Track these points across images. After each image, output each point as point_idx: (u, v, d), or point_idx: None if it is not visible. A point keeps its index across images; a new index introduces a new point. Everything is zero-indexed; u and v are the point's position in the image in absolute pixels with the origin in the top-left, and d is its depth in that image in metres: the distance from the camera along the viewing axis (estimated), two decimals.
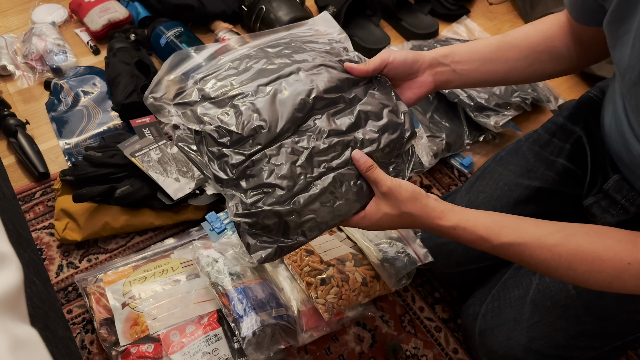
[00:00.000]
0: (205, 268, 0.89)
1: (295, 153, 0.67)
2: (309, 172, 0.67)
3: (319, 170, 0.68)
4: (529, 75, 0.85)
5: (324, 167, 0.68)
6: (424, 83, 0.79)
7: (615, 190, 0.79)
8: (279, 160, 0.66)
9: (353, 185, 0.69)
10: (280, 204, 0.66)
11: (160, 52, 1.32)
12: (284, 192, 0.66)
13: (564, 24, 0.81)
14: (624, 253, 0.62)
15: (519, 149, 0.94)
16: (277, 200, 0.65)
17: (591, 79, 1.43)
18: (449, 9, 1.55)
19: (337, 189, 0.68)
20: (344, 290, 0.90)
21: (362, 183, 0.70)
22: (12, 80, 1.28)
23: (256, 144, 0.66)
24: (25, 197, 1.08)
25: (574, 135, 0.90)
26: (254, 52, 0.73)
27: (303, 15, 1.35)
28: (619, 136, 0.74)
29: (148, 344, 0.83)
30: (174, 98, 0.70)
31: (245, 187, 0.66)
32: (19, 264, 0.37)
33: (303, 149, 0.67)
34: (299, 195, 0.66)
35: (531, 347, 0.81)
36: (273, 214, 0.65)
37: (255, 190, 0.65)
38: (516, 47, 0.82)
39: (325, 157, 0.68)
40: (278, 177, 0.65)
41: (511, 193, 0.91)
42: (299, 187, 0.66)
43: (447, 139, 1.20)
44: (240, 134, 0.65)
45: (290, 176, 0.66)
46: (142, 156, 1.03)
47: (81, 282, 0.93)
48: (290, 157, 0.66)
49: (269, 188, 0.65)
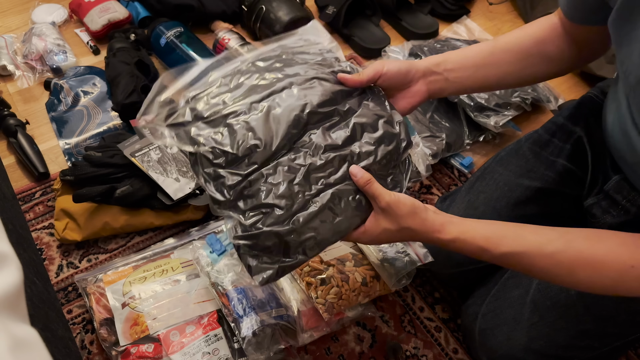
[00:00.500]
0: (205, 268, 0.89)
1: (292, 171, 0.66)
2: (307, 189, 0.66)
3: (316, 187, 0.67)
4: (522, 79, 0.85)
5: (321, 183, 0.67)
6: (418, 92, 0.80)
7: (616, 191, 0.79)
8: (276, 179, 0.65)
9: (352, 201, 0.68)
10: (280, 224, 0.64)
11: (160, 52, 1.32)
12: (282, 212, 0.64)
13: (555, 26, 0.81)
14: (626, 256, 0.62)
15: (519, 149, 0.94)
16: (277, 221, 0.64)
17: (591, 79, 1.43)
18: (449, 9, 1.56)
19: (336, 205, 0.67)
20: (344, 290, 0.90)
21: (361, 198, 0.69)
22: (12, 80, 1.28)
23: (252, 163, 0.65)
24: (25, 197, 1.08)
25: (575, 136, 0.90)
26: (245, 67, 0.72)
27: (303, 15, 1.35)
28: (622, 136, 0.74)
29: (148, 344, 0.83)
30: (166, 119, 0.68)
31: (243, 208, 0.65)
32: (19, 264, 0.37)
33: (300, 167, 0.66)
34: (298, 214, 0.65)
35: (531, 347, 0.81)
36: (273, 234, 0.64)
37: (254, 211, 0.64)
38: (508, 51, 0.82)
39: (323, 174, 0.67)
40: (276, 196, 0.64)
41: (511, 193, 0.90)
42: (297, 206, 0.65)
43: (447, 139, 1.20)
44: (235, 154, 0.64)
45: (288, 195, 0.65)
46: (142, 156, 1.03)
47: (81, 282, 0.93)
48: (288, 176, 0.65)
49: (267, 208, 0.64)
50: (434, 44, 1.38)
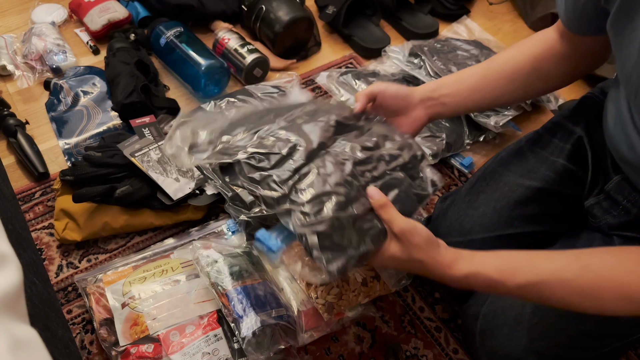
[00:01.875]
0: (205, 268, 0.89)
1: (340, 162, 0.69)
2: (357, 180, 0.69)
3: (364, 179, 0.70)
4: (519, 96, 0.86)
5: (368, 176, 0.70)
6: (418, 118, 0.82)
7: (617, 191, 0.79)
8: (328, 170, 0.67)
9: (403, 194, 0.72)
10: (343, 210, 0.65)
11: (160, 52, 1.32)
12: (342, 199, 0.66)
13: (552, 41, 0.81)
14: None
15: (520, 150, 0.94)
16: (339, 207, 0.65)
17: (592, 79, 1.43)
18: (449, 9, 1.55)
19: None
20: (344, 290, 0.90)
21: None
22: (12, 80, 1.28)
23: (299, 159, 0.67)
24: (25, 197, 1.08)
25: (575, 136, 0.89)
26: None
27: (303, 15, 1.35)
28: (623, 137, 0.73)
29: (148, 344, 0.83)
30: (190, 149, 0.71)
31: (301, 199, 0.65)
32: (18, 264, 0.37)
33: (345, 160, 0.69)
34: (356, 202, 0.67)
35: (532, 348, 0.81)
36: (337, 220, 0.65)
37: (314, 200, 0.65)
38: (502, 73, 0.83)
39: (367, 167, 0.71)
40: (332, 184, 0.66)
41: (511, 193, 0.90)
42: (353, 194, 0.67)
43: (447, 139, 1.20)
44: (279, 153, 0.67)
45: (343, 183, 0.67)
46: (142, 156, 1.03)
47: (81, 282, 0.93)
48: (338, 167, 0.68)
49: (326, 196, 0.65)
50: (434, 44, 1.38)
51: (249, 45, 1.30)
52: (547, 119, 0.97)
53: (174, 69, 1.31)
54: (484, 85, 0.83)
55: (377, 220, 0.68)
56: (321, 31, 1.49)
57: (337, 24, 1.45)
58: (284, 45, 1.37)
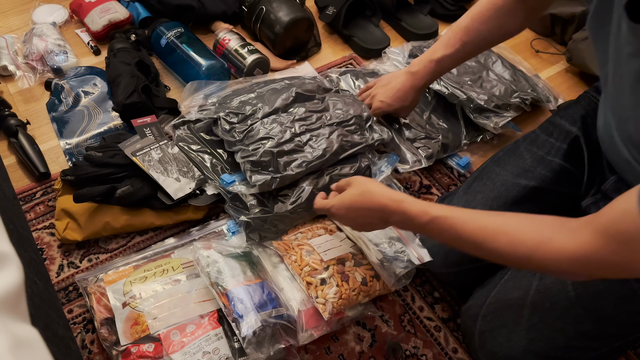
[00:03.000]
0: (205, 268, 0.90)
1: (282, 119, 1.03)
2: (292, 130, 1.01)
3: (299, 130, 1.02)
4: (495, 37, 0.99)
5: (302, 128, 1.03)
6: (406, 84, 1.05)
7: (614, 191, 0.79)
8: (271, 125, 1.02)
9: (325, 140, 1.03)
10: (273, 147, 0.98)
11: (161, 52, 1.32)
12: (275, 140, 0.99)
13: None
14: (546, 228, 0.64)
15: (516, 149, 0.95)
16: (272, 145, 0.98)
17: (591, 78, 1.43)
18: (448, 10, 1.56)
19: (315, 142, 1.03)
20: (344, 290, 0.90)
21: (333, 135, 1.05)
22: (13, 81, 1.28)
23: (255, 118, 1.03)
24: (26, 197, 1.09)
25: (571, 136, 0.90)
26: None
27: (303, 16, 1.35)
28: (609, 140, 0.74)
29: (148, 344, 0.83)
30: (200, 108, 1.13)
31: (248, 142, 0.99)
32: (19, 264, 0.37)
33: (288, 118, 1.04)
34: (286, 144, 0.99)
35: (531, 349, 0.81)
36: (269, 152, 0.97)
37: (255, 143, 0.99)
38: (479, 19, 0.97)
39: (304, 122, 1.04)
40: (270, 132, 1.00)
41: (508, 193, 0.91)
42: (285, 138, 1.00)
43: (444, 139, 1.20)
44: (244, 113, 1.03)
45: (279, 131, 1.00)
46: (143, 155, 1.03)
47: (82, 282, 0.93)
48: (279, 122, 1.02)
49: (264, 140, 0.99)
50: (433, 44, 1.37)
51: (250, 46, 1.30)
52: (546, 119, 0.97)
53: (175, 70, 1.31)
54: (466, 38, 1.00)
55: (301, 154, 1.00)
56: (321, 32, 1.49)
57: (337, 24, 1.45)
58: (284, 45, 1.38)
